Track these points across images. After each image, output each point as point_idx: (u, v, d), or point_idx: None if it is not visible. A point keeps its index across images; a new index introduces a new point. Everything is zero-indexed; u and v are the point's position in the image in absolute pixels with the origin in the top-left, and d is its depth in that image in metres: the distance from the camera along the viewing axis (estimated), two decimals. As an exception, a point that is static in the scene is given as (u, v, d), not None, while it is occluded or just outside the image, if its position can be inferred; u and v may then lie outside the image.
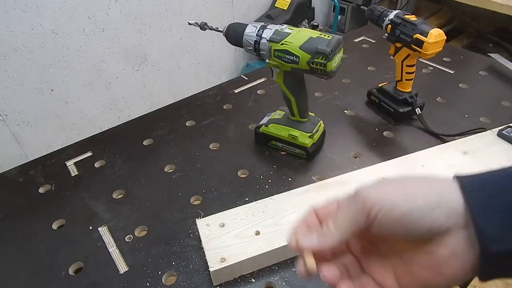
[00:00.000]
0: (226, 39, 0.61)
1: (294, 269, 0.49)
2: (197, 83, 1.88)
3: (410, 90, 0.75)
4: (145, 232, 0.55)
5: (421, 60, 0.95)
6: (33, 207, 0.60)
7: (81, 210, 0.59)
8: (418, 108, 0.74)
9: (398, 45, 0.70)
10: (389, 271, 0.27)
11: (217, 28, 0.62)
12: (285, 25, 0.58)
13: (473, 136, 0.65)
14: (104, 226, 0.56)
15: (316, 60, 0.53)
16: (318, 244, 0.27)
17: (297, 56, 0.55)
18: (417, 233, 0.24)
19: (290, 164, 0.66)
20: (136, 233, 0.55)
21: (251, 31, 0.58)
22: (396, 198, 0.24)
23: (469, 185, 0.24)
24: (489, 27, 1.95)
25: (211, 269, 0.45)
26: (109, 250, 0.52)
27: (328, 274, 0.27)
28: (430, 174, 0.26)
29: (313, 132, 0.65)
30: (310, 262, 0.26)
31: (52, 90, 1.37)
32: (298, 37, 0.55)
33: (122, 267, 0.50)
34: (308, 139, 0.65)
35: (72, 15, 1.29)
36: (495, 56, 0.95)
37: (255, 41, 0.58)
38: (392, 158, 0.61)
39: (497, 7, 1.49)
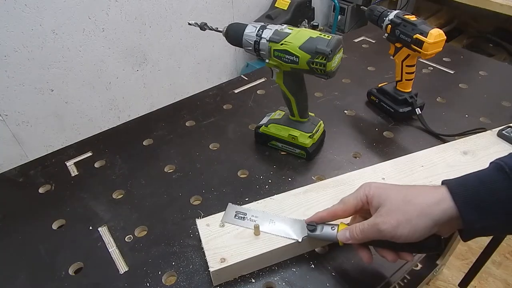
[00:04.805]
0: (226, 39, 0.61)
1: (294, 269, 0.49)
2: (197, 83, 1.88)
3: (410, 90, 0.75)
4: (145, 232, 0.55)
5: (421, 60, 0.95)
6: (33, 207, 0.60)
7: (81, 210, 0.59)
8: (418, 108, 0.74)
9: (398, 45, 0.70)
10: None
11: (217, 28, 0.62)
12: (285, 25, 0.58)
13: (473, 136, 0.65)
14: (104, 226, 0.56)
15: (316, 60, 0.53)
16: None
17: (297, 56, 0.55)
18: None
19: (290, 164, 0.66)
20: (136, 233, 0.55)
21: (251, 31, 0.58)
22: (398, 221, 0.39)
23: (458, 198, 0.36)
24: (489, 27, 1.95)
25: (211, 269, 0.45)
26: (109, 250, 0.52)
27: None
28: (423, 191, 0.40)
29: (313, 132, 0.65)
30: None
31: (52, 90, 1.37)
32: (298, 37, 0.55)
33: (122, 267, 0.50)
34: (308, 139, 0.65)
35: (72, 15, 1.29)
36: (495, 56, 0.94)
37: (255, 41, 0.58)
38: (392, 158, 0.61)
39: (497, 7, 1.49)
